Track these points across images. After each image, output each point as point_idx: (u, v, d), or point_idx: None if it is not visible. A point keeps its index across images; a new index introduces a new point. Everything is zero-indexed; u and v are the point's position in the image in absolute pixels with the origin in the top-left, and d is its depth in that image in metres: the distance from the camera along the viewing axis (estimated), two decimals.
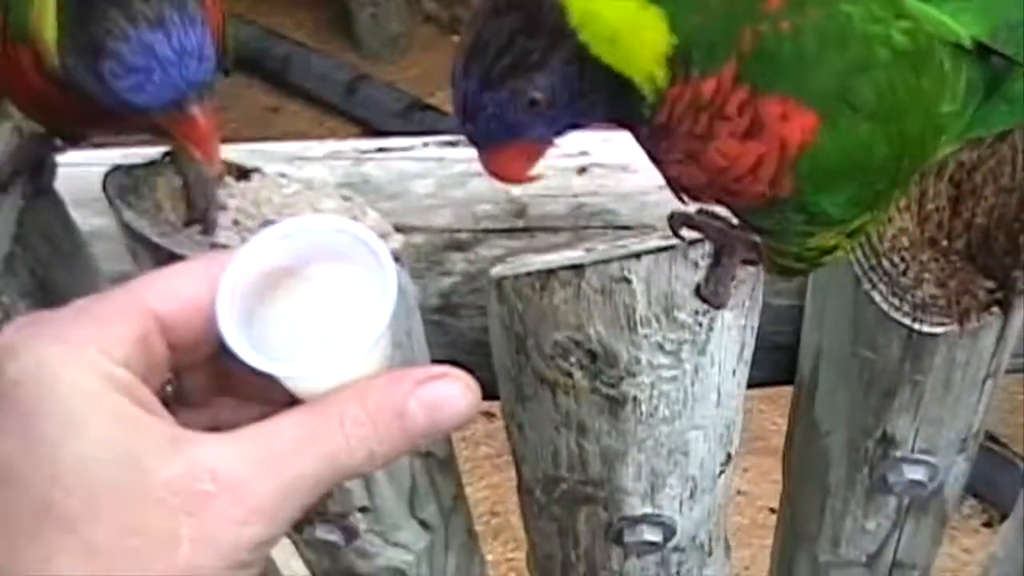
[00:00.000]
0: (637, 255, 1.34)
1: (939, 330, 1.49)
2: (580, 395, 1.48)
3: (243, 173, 1.55)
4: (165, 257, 1.40)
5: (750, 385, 1.61)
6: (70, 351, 0.83)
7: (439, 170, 1.78)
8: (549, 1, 0.98)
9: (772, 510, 4.03)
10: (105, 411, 0.81)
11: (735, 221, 1.29)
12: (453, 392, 0.88)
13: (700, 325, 1.40)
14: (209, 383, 0.96)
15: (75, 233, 1.61)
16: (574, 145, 1.79)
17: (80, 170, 1.62)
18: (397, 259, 0.89)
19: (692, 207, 1.32)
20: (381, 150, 1.83)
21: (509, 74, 0.98)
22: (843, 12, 1.07)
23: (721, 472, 1.69)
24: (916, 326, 1.49)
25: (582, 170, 1.76)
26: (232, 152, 1.64)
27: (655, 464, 1.58)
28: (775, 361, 1.77)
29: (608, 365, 1.43)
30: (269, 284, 0.93)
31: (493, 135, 1.04)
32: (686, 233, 1.34)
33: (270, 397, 0.94)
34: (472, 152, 1.76)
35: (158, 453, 0.80)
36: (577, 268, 1.36)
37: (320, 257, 0.92)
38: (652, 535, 1.68)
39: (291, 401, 0.91)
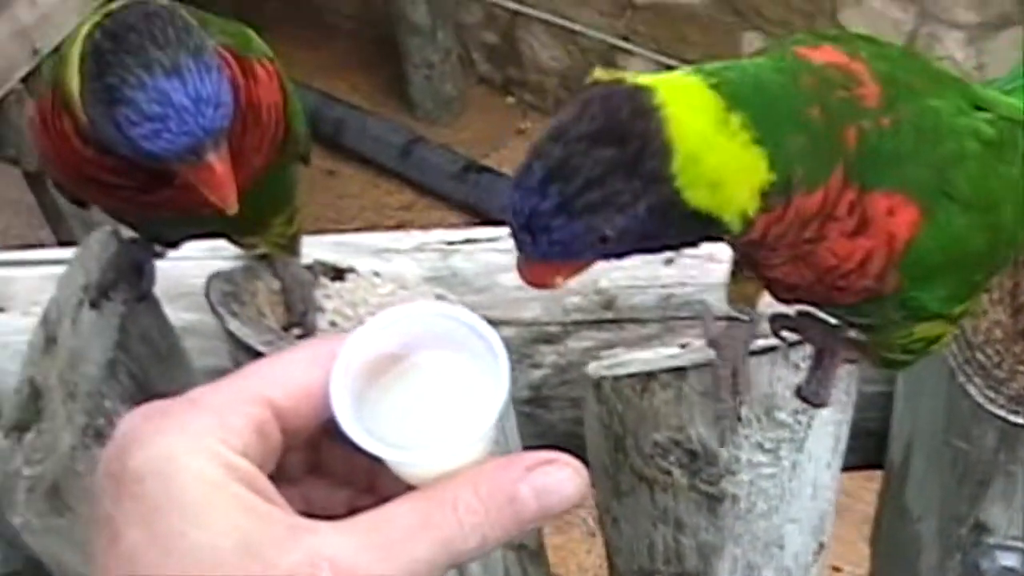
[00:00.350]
0: None
1: None
2: (678, 492, 1.49)
3: (338, 273, 1.58)
4: None
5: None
6: (192, 442, 0.86)
7: None
8: (657, 142, 0.94)
9: (836, 568, 4.00)
10: (227, 501, 0.84)
11: (834, 322, 1.31)
12: (562, 477, 0.90)
13: (799, 423, 1.41)
14: (303, 462, 0.98)
15: (171, 333, 1.65)
16: None
17: (170, 265, 1.66)
18: None
19: (792, 309, 1.33)
20: (468, 241, 1.85)
21: (591, 210, 0.93)
22: (932, 107, 1.09)
23: (814, 561, 1.69)
24: (1012, 418, 1.49)
25: (669, 261, 1.77)
26: (320, 245, 1.68)
27: (751, 557, 1.59)
28: (864, 446, 1.77)
29: (708, 464, 1.44)
30: (378, 370, 0.95)
31: (546, 254, 0.99)
32: (787, 334, 1.35)
33: (364, 480, 0.98)
34: None
35: (278, 542, 0.83)
36: (678, 371, 1.38)
37: (428, 343, 0.94)
38: None
39: (390, 485, 0.93)
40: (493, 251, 1.83)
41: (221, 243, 1.63)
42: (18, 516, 1.56)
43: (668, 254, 1.78)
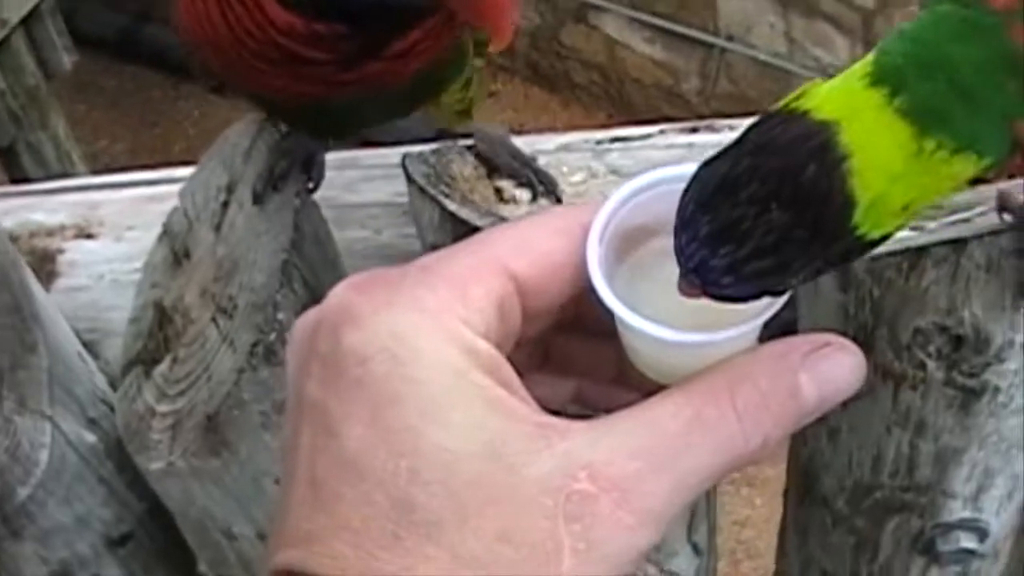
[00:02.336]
0: None
1: None
2: (930, 388, 1.33)
3: None
4: None
5: None
6: (428, 320, 0.70)
7: (691, 156, 1.62)
8: (838, 202, 0.77)
9: None
10: (469, 394, 0.68)
11: None
12: (844, 362, 0.75)
13: None
14: (529, 358, 0.82)
15: (332, 238, 1.44)
16: None
17: None
18: None
19: None
20: (617, 140, 1.67)
21: (762, 275, 0.77)
22: None
23: None
24: None
25: None
26: None
27: (990, 462, 1.43)
28: None
29: (975, 352, 1.28)
30: (631, 245, 0.81)
31: (710, 295, 0.80)
32: None
33: (598, 373, 0.84)
34: (721, 137, 1.64)
35: (528, 446, 0.67)
36: (957, 243, 1.21)
37: None
38: (969, 542, 1.53)
39: (633, 378, 0.80)
40: (650, 148, 1.65)
41: None
42: (157, 461, 1.35)
43: None
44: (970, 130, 0.81)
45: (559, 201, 1.33)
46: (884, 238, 0.83)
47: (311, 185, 1.35)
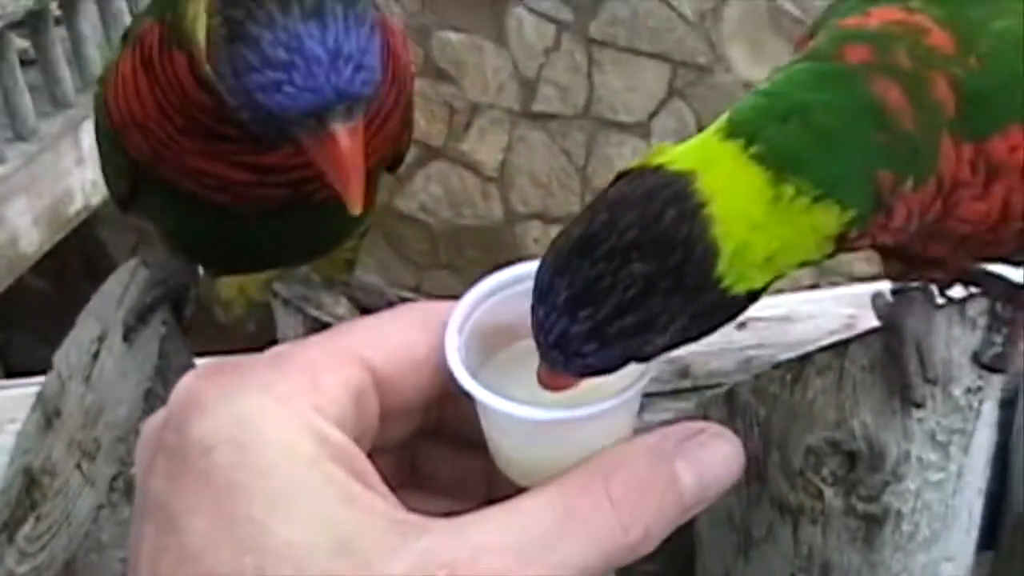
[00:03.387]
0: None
1: None
2: (830, 521, 1.28)
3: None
4: None
5: None
6: (277, 406, 0.67)
7: None
8: (700, 248, 0.77)
9: None
10: (320, 485, 0.64)
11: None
12: (721, 449, 0.74)
13: (971, 408, 1.23)
14: (397, 469, 0.79)
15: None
16: None
17: None
18: None
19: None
20: None
21: (626, 335, 0.77)
22: (1002, 28, 0.96)
23: None
24: None
25: (741, 325, 1.62)
26: None
27: None
28: None
29: (871, 469, 1.24)
30: (496, 343, 0.79)
31: (580, 373, 0.79)
32: (956, 293, 1.20)
33: (468, 488, 0.80)
34: None
35: (383, 543, 0.63)
36: (839, 347, 1.20)
37: None
38: None
39: (488, 493, 0.77)
40: None
41: None
42: None
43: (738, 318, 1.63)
44: (829, 175, 0.81)
45: None
46: (752, 297, 0.82)
47: (182, 318, 1.33)
